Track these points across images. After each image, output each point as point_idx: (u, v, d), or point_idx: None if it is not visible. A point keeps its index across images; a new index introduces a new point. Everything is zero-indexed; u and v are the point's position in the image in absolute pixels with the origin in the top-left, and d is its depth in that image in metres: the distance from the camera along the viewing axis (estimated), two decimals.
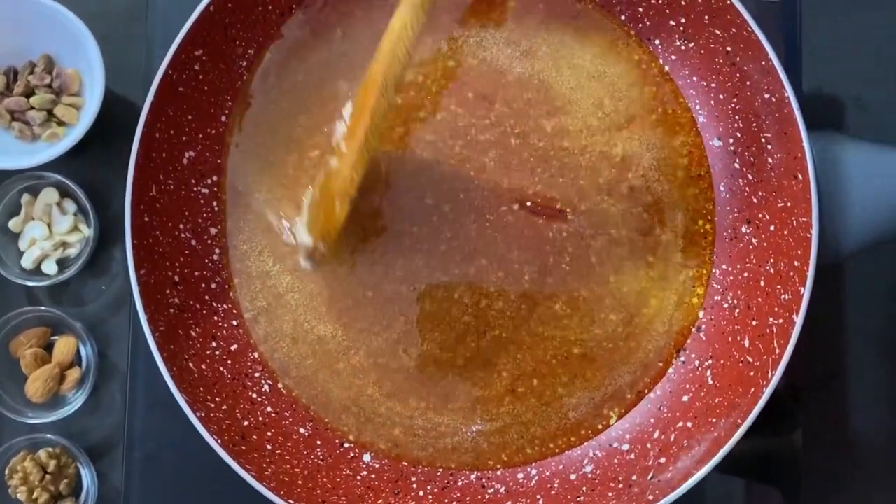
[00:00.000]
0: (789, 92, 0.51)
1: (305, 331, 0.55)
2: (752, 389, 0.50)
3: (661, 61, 0.57)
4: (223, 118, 0.56)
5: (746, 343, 0.52)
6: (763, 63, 0.51)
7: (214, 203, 0.56)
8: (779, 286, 0.52)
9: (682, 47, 0.56)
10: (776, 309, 0.51)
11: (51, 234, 0.57)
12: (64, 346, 0.56)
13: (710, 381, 0.54)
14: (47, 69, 0.57)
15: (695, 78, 0.56)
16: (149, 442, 0.57)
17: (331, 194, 0.49)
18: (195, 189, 0.55)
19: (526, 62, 0.57)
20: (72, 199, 0.57)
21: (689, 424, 0.53)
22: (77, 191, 0.56)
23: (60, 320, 0.56)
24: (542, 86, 0.56)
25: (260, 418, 0.53)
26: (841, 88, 0.61)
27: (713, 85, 0.55)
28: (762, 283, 0.53)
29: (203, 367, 0.52)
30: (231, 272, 0.56)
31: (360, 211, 0.53)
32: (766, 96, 0.52)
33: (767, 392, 0.49)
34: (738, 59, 0.53)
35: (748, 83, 0.53)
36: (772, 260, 0.53)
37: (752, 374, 0.51)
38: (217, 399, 0.52)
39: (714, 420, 0.51)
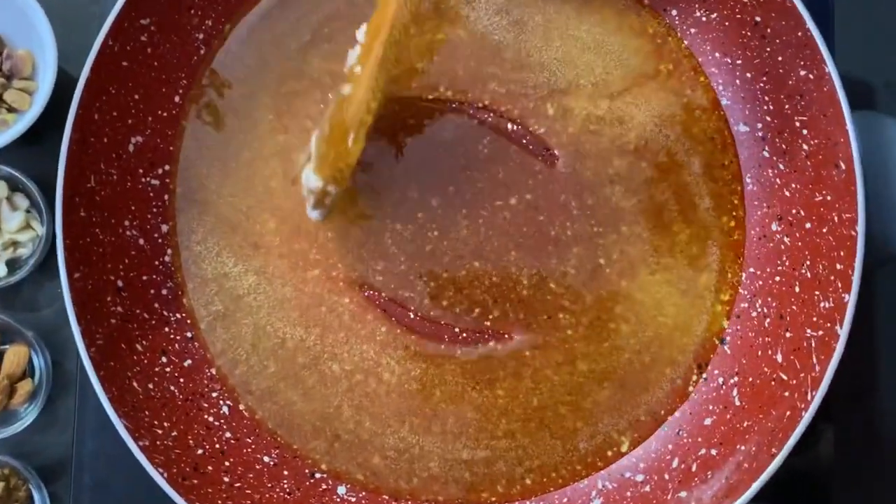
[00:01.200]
0: (830, 67, 0.46)
1: (268, 334, 0.50)
2: (788, 412, 0.46)
3: (678, 35, 0.52)
4: (176, 98, 0.51)
5: (779, 358, 0.48)
6: (799, 34, 0.47)
7: (166, 196, 0.51)
8: (817, 292, 0.47)
9: (703, 18, 0.51)
10: (814, 319, 0.47)
11: (0, 232, 0.54)
12: (14, 355, 0.53)
13: (737, 402, 0.49)
14: None
15: (718, 54, 0.52)
16: (99, 467, 0.53)
17: (343, 125, 0.44)
18: (143, 180, 0.50)
19: (520, 33, 0.52)
20: (23, 193, 0.54)
21: (714, 452, 0.48)
22: (29, 184, 0.53)
23: (11, 327, 0.53)
24: (547, 63, 0.52)
25: (217, 446, 0.49)
26: (872, 72, 0.58)
27: (739, 62, 0.51)
28: (797, 289, 0.48)
29: (150, 386, 0.48)
30: (185, 276, 0.51)
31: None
32: (802, 73, 0.47)
33: (807, 416, 0.45)
34: (768, 30, 0.48)
35: (780, 59, 0.48)
36: (808, 262, 0.48)
37: (786, 394, 0.46)
38: (166, 424, 0.47)
39: (743, 447, 0.47)
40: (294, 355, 0.50)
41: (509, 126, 0.51)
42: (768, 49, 0.49)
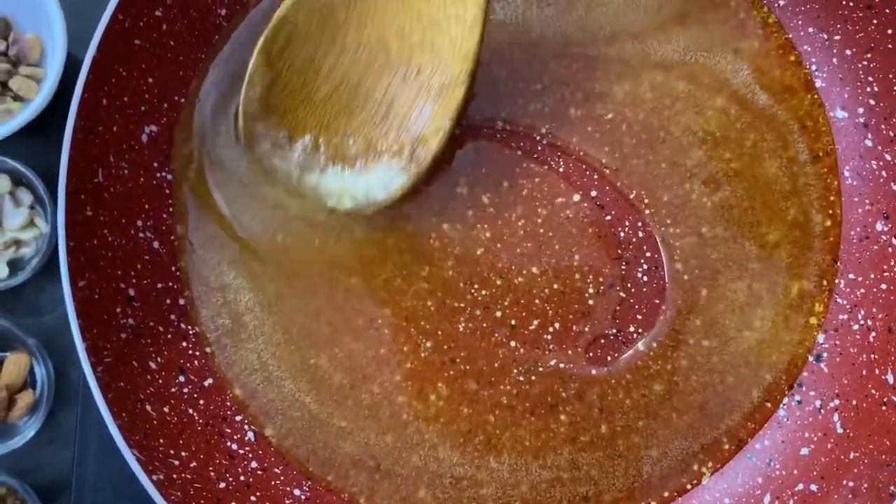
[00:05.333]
0: None
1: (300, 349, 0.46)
2: None
3: (765, 6, 0.47)
4: (196, 83, 0.47)
5: (890, 378, 0.43)
6: None
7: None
8: None
9: None
10: None
11: (1, 230, 0.52)
12: (14, 364, 0.51)
13: (840, 429, 0.44)
14: (2, 34, 0.52)
15: (812, 28, 0.47)
16: (102, 490, 0.50)
17: None
18: (158, 175, 0.46)
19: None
20: (27, 188, 0.53)
21: (814, 487, 0.43)
22: (33, 179, 0.51)
23: (11, 334, 0.51)
24: (596, 53, 0.47)
25: (242, 478, 0.44)
26: None
27: (837, 37, 0.46)
28: None
29: (165, 410, 0.44)
30: (192, 282, 0.47)
31: None
32: None
33: None
34: None
35: (890, 31, 0.44)
36: None
37: None
38: (183, 454, 0.43)
39: (851, 484, 0.41)
40: (329, 375, 0.46)
41: (571, 111, 0.46)
42: (875, 21, 0.44)
